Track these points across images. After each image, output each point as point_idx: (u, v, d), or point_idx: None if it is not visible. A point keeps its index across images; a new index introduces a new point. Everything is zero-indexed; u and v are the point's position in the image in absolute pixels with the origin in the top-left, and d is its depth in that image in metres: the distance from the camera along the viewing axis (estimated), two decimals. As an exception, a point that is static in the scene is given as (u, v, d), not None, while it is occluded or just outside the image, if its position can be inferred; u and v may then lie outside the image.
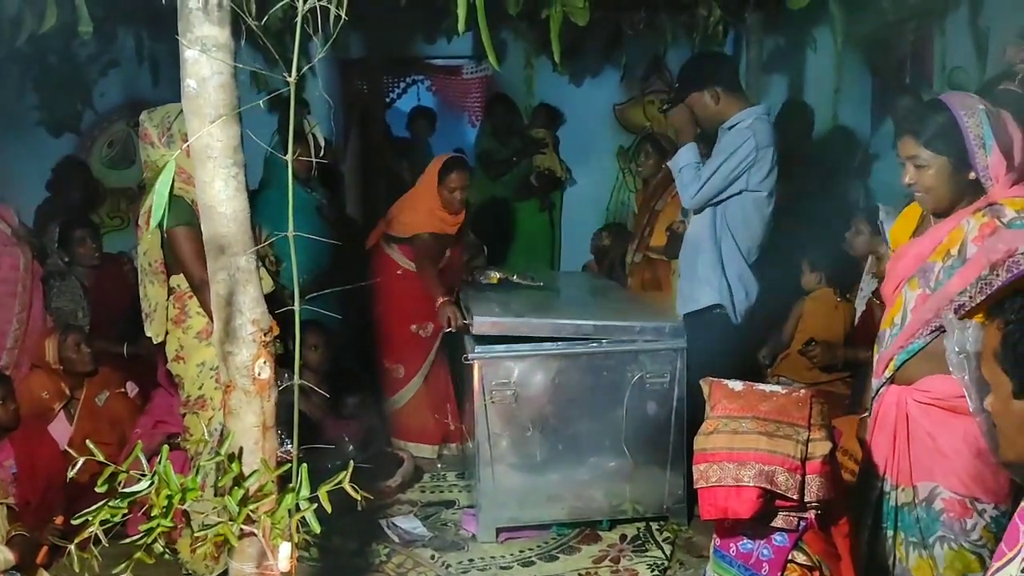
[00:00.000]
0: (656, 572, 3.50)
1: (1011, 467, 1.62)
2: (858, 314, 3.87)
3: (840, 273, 4.12)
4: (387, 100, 6.78)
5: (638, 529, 3.82)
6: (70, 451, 2.06)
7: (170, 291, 3.21)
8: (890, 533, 2.38)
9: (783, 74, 6.18)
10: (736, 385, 2.31)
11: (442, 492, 4.29)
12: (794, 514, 2.18)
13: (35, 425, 3.90)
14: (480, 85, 6.83)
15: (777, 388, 2.30)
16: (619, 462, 3.77)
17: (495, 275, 4.45)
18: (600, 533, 3.82)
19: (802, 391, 2.30)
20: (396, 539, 3.78)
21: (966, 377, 2.10)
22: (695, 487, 2.24)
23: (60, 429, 4.00)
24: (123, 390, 4.22)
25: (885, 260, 3.07)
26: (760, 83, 5.66)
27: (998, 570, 1.52)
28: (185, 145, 2.00)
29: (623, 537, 3.78)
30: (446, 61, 6.79)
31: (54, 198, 5.32)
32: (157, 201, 1.79)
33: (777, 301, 4.02)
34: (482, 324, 3.71)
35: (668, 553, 3.64)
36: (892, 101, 5.41)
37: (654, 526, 3.84)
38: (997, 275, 2.14)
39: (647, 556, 3.63)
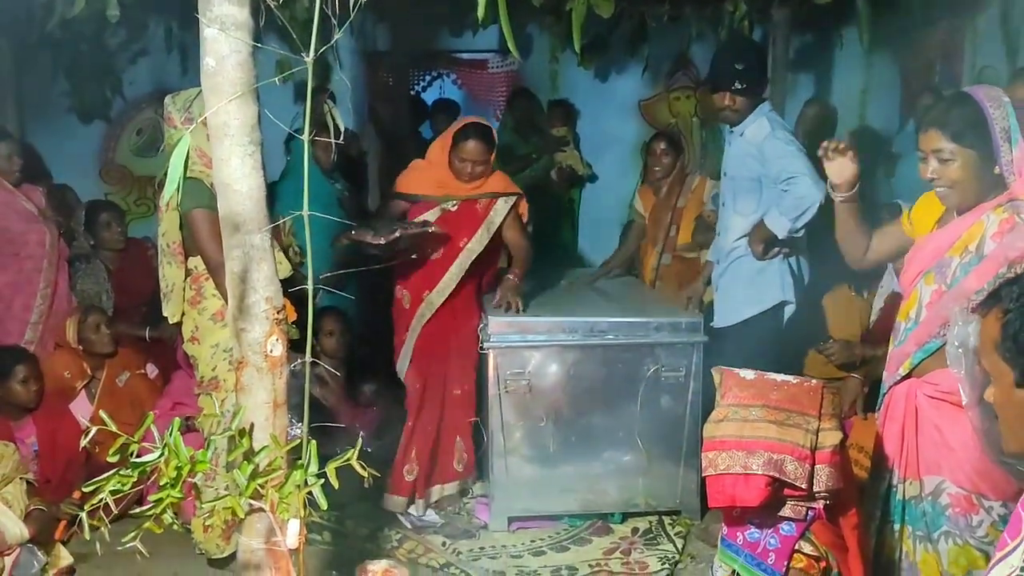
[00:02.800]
0: (667, 566, 3.49)
1: (1012, 459, 1.59)
2: (875, 311, 3.84)
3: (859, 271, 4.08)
4: (412, 92, 6.80)
5: (650, 523, 3.82)
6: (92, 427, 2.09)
7: (187, 272, 3.25)
8: (897, 526, 2.36)
9: (809, 72, 6.14)
10: (747, 374, 2.30)
11: (456, 481, 4.29)
12: (802, 504, 2.17)
13: (57, 404, 3.97)
14: (506, 79, 6.83)
15: (788, 378, 2.28)
16: (632, 455, 3.76)
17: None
18: (612, 526, 3.81)
19: (813, 381, 2.28)
20: (408, 525, 3.80)
21: (962, 372, 2.07)
22: (703, 474, 2.23)
23: (81, 408, 4.07)
24: (143, 371, 4.28)
25: None
26: (786, 81, 5.62)
27: (1001, 559, 1.50)
28: (196, 123, 2.01)
29: (635, 530, 3.78)
30: (472, 55, 6.81)
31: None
32: (171, 174, 1.82)
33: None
34: (497, 322, 3.71)
35: (679, 547, 3.63)
36: (920, 101, 5.36)
37: (666, 520, 3.83)
38: (1015, 273, 2.10)
39: (658, 549, 3.62)
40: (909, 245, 2.50)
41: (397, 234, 3.60)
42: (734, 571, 2.26)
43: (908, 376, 2.38)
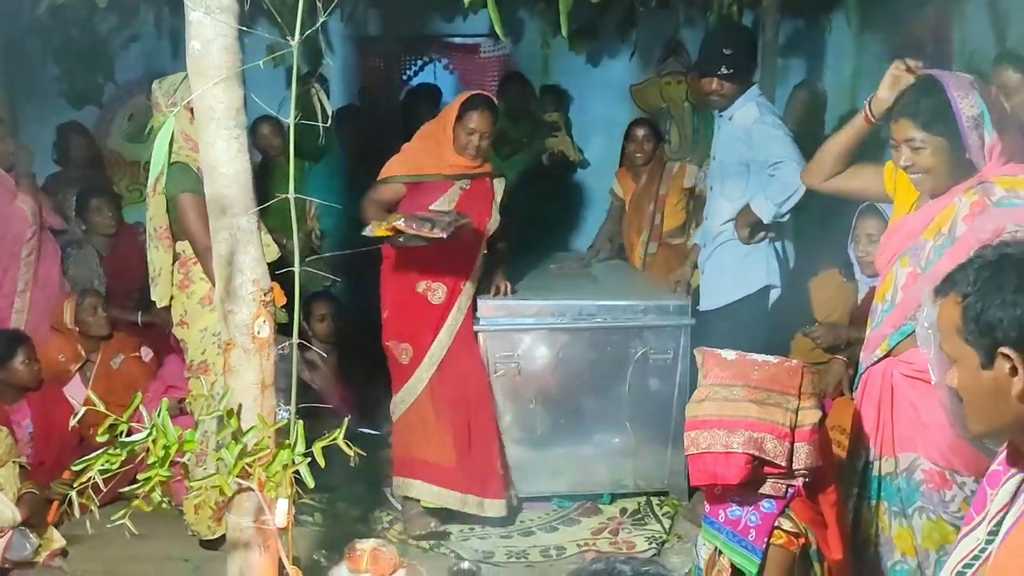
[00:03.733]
0: (654, 545, 3.54)
1: (977, 440, 1.61)
2: (862, 295, 3.86)
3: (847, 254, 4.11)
4: (403, 78, 6.79)
5: (639, 503, 3.86)
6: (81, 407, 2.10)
7: (175, 257, 3.28)
8: (874, 502, 2.40)
9: (800, 56, 6.14)
10: (729, 354, 2.33)
11: (447, 464, 4.33)
12: (782, 481, 2.20)
13: (52, 387, 4.00)
14: (498, 64, 6.80)
15: (769, 358, 2.31)
16: (621, 437, 3.80)
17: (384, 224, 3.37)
18: (601, 507, 3.86)
19: (793, 361, 2.31)
20: (399, 507, 3.83)
21: (931, 351, 2.10)
22: (685, 453, 2.26)
23: (76, 391, 4.09)
24: (138, 354, 4.30)
25: None
26: (776, 65, 5.61)
27: (967, 534, 1.54)
28: (179, 107, 2.03)
29: (623, 511, 3.82)
30: (464, 40, 6.79)
31: (63, 167, 5.36)
32: (155, 157, 1.84)
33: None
34: (487, 305, 3.73)
35: (667, 527, 3.68)
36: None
37: (655, 501, 3.87)
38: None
39: (646, 529, 3.66)
40: (879, 192, 2.53)
41: (460, 223, 3.37)
42: (717, 548, 2.30)
43: (885, 357, 2.41)
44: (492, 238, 3.74)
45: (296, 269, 2.24)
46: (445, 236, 3.25)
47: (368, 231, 3.36)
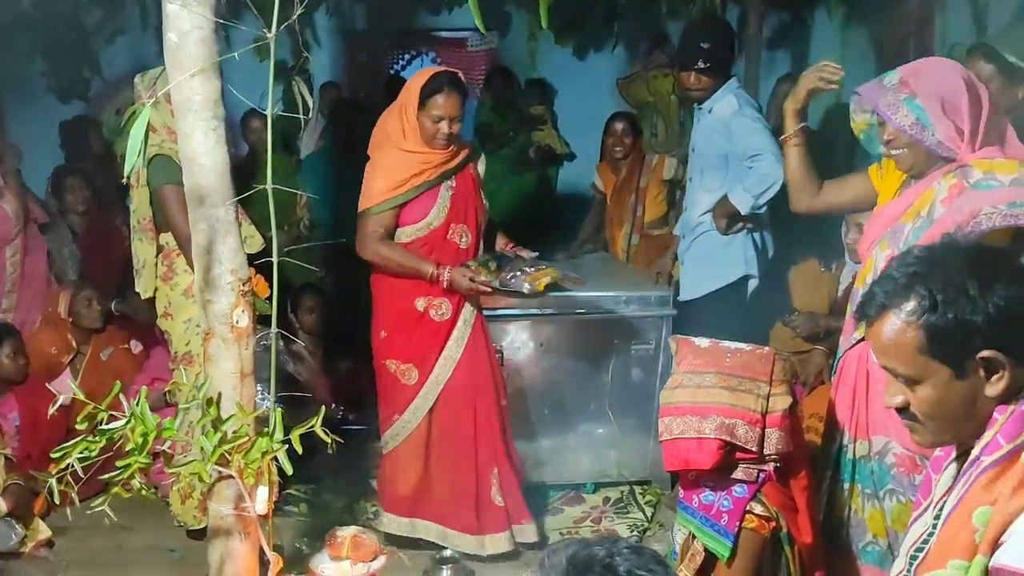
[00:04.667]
0: (636, 533, 3.58)
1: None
2: (843, 286, 3.90)
3: (827, 244, 4.14)
4: (390, 73, 6.80)
5: (621, 492, 3.90)
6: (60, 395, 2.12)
7: (159, 248, 3.30)
8: (848, 485, 2.44)
9: (784, 49, 6.17)
10: (702, 342, 2.37)
11: (432, 455, 4.35)
12: (754, 466, 2.24)
13: (41, 380, 3.99)
14: (484, 58, 6.83)
15: (742, 345, 2.34)
16: (604, 427, 3.84)
17: (543, 276, 3.13)
18: (584, 495, 3.89)
19: (765, 348, 2.35)
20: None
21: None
22: (660, 439, 2.29)
23: (63, 385, 4.09)
24: (127, 346, 4.31)
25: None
26: (761, 58, 5.65)
27: (915, 519, 1.58)
28: (155, 98, 2.05)
29: (606, 500, 3.86)
30: (450, 33, 6.81)
31: (70, 159, 5.36)
32: (131, 144, 1.86)
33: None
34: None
35: (649, 515, 3.71)
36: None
37: (637, 490, 3.91)
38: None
39: (628, 518, 3.70)
40: (870, 196, 2.56)
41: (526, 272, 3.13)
42: (691, 533, 2.33)
43: (861, 341, 2.44)
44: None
45: (275, 259, 2.27)
46: (525, 289, 3.07)
47: (527, 288, 3.03)
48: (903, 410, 1.47)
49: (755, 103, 3.66)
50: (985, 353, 1.35)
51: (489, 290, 3.12)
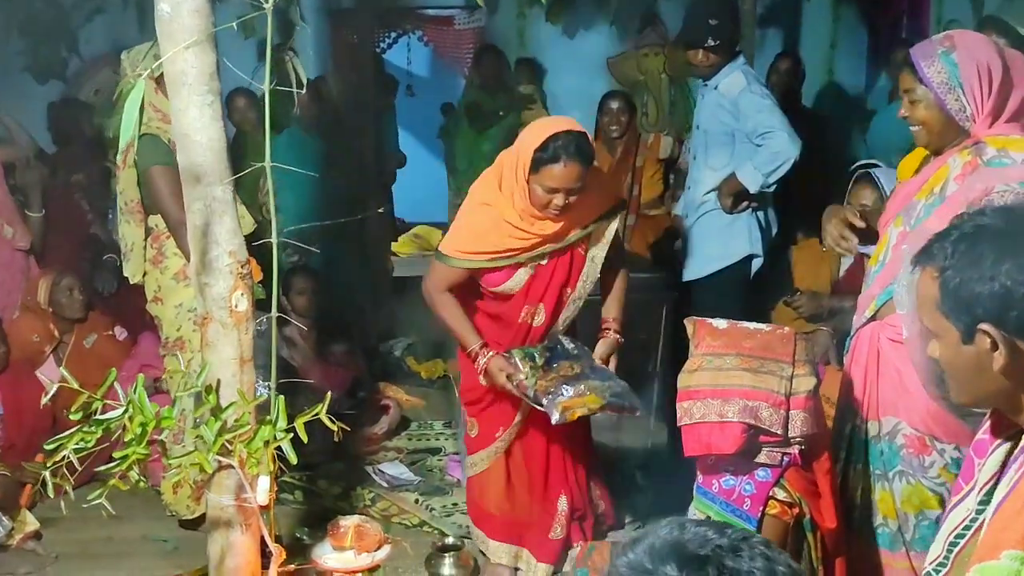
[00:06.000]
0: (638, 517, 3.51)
1: (962, 408, 1.56)
2: (845, 265, 3.85)
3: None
4: (376, 51, 6.67)
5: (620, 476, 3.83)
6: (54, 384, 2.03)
7: (147, 231, 3.19)
8: (859, 466, 2.40)
9: (778, 27, 6.11)
10: (720, 323, 2.29)
11: (428, 440, 4.29)
12: (778, 450, 2.17)
13: (23, 368, 3.89)
14: (473, 36, 6.72)
15: (761, 326, 2.27)
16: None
17: (581, 405, 2.69)
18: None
19: (786, 328, 2.28)
20: (384, 484, 3.78)
21: (907, 310, 2.10)
22: (678, 424, 2.22)
23: (49, 372, 3.99)
24: (111, 333, 4.19)
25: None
26: (754, 36, 5.58)
27: (957, 504, 1.52)
28: (146, 74, 1.94)
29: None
30: (437, 11, 6.70)
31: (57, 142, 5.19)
32: (125, 123, 1.76)
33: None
34: None
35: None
36: (888, 55, 5.36)
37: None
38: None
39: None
40: None
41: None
42: (708, 518, 2.27)
43: (873, 319, 2.40)
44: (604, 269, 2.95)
45: (274, 240, 2.18)
46: (638, 412, 2.76)
47: (556, 418, 2.60)
48: None
49: (762, 80, 3.59)
50: (983, 326, 1.34)
51: (519, 395, 2.74)
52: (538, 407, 2.67)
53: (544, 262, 2.81)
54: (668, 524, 1.10)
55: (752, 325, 2.27)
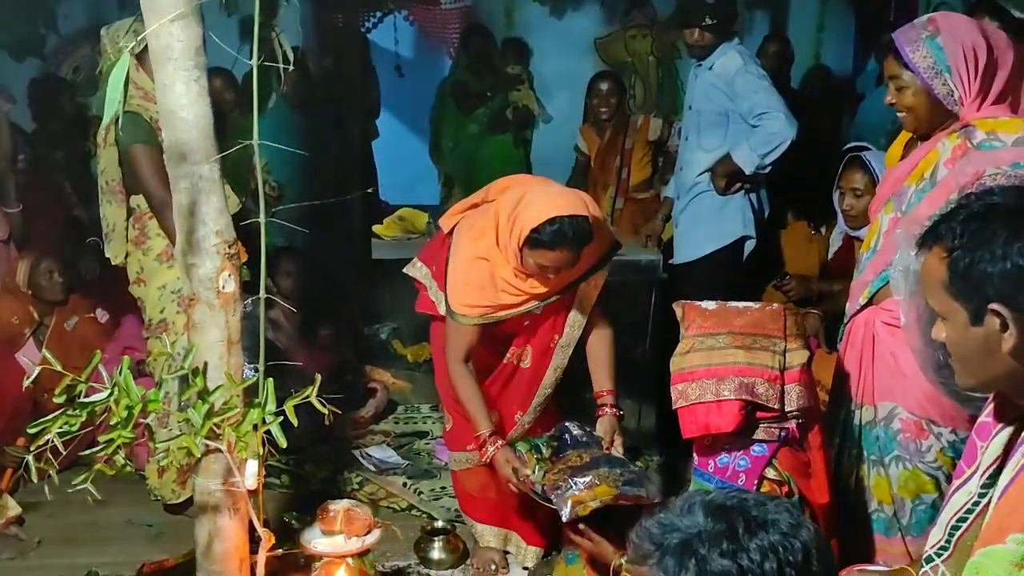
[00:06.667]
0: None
1: (967, 392, 1.55)
2: (833, 248, 3.85)
3: (816, 207, 4.09)
4: (361, 30, 6.59)
5: (611, 459, 3.82)
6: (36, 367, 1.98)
7: (129, 212, 3.13)
8: (853, 452, 2.41)
9: (765, 9, 6.09)
10: (709, 304, 2.29)
11: (416, 424, 4.27)
12: (775, 425, 2.17)
13: (3, 351, 3.83)
14: (459, 16, 6.65)
15: (750, 304, 2.27)
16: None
17: (592, 499, 2.45)
18: (572, 462, 3.81)
19: (775, 304, 2.28)
20: (372, 468, 3.76)
21: (904, 295, 2.10)
22: (674, 407, 2.21)
23: (29, 354, 3.92)
24: (93, 315, 4.13)
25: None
26: (743, 18, 5.56)
27: (959, 487, 1.51)
28: (127, 49, 1.89)
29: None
30: (423, -9, 6.63)
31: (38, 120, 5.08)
32: (110, 95, 1.71)
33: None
34: None
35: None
36: (876, 38, 5.34)
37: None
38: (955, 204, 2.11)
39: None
40: None
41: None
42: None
43: (868, 305, 2.40)
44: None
45: (262, 220, 2.14)
46: (656, 500, 2.52)
47: (567, 515, 2.43)
48: None
49: (757, 60, 3.56)
50: (994, 306, 1.32)
51: (527, 492, 2.66)
52: (547, 504, 2.55)
53: (538, 311, 2.80)
54: (695, 491, 1.20)
55: (741, 304, 2.27)
